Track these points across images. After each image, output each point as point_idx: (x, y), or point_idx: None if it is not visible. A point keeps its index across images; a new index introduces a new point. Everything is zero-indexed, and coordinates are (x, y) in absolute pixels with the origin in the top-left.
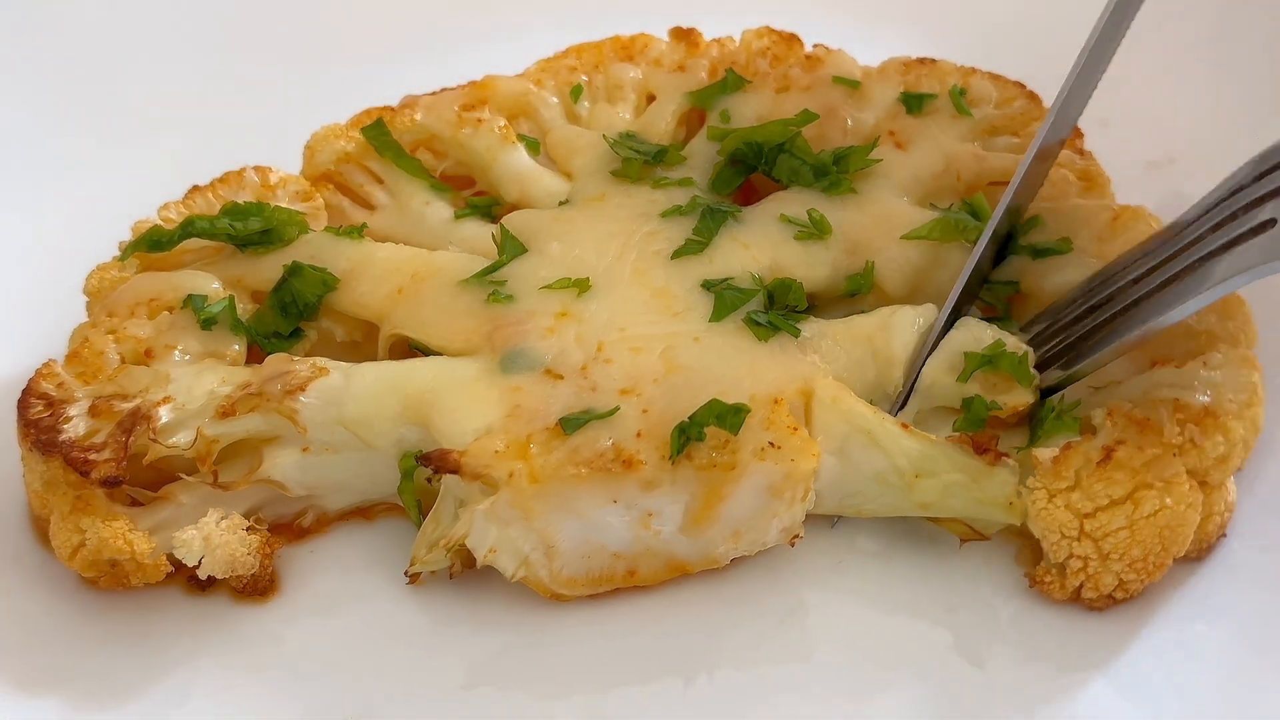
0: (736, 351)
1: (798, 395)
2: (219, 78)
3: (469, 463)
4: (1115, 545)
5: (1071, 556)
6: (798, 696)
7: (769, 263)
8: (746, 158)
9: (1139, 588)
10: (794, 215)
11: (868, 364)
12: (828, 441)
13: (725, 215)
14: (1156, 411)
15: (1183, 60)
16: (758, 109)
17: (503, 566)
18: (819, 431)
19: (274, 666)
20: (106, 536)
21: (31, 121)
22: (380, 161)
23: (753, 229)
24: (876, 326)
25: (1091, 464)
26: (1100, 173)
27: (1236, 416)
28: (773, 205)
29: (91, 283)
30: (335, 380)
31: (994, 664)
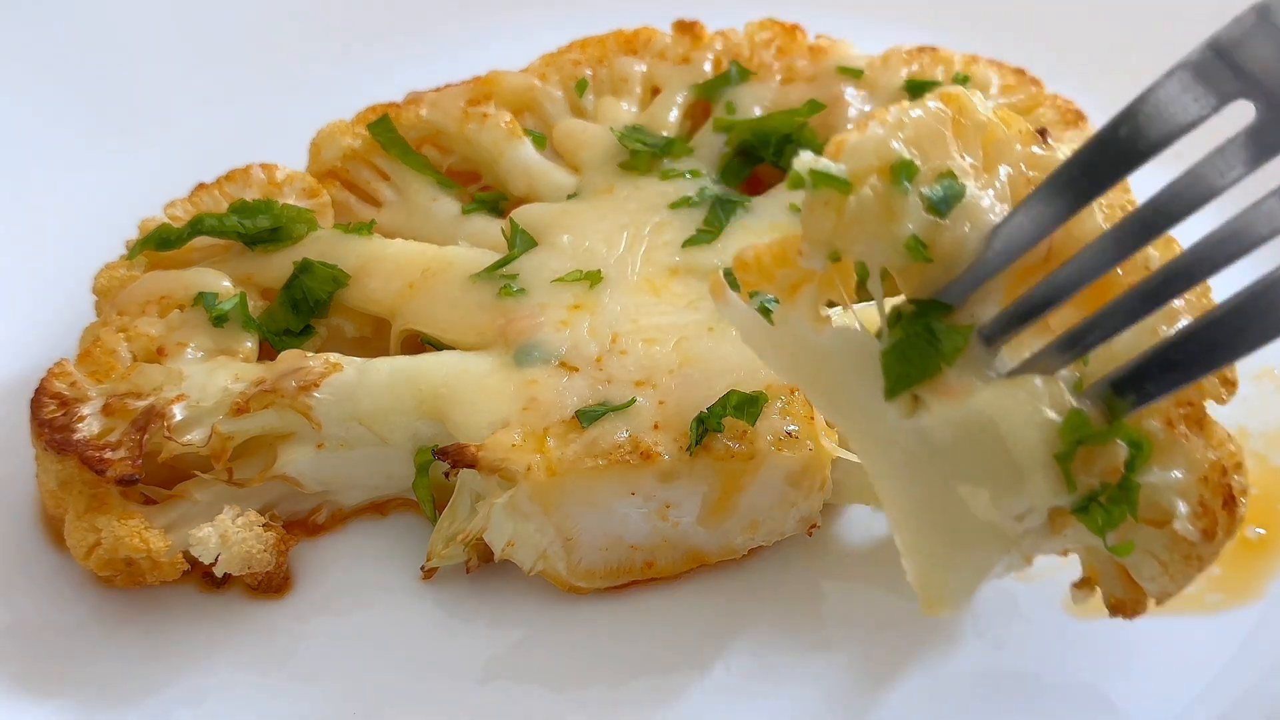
0: None
1: None
2: (223, 75)
3: (486, 456)
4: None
5: (1179, 585)
6: (816, 686)
7: None
8: (754, 149)
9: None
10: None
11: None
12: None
13: (735, 205)
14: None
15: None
16: (763, 100)
17: (521, 560)
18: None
19: (289, 663)
20: (122, 535)
21: (36, 120)
22: (386, 158)
23: (763, 218)
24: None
25: (1224, 518)
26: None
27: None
28: (782, 195)
29: (100, 281)
30: (349, 376)
31: (1013, 646)
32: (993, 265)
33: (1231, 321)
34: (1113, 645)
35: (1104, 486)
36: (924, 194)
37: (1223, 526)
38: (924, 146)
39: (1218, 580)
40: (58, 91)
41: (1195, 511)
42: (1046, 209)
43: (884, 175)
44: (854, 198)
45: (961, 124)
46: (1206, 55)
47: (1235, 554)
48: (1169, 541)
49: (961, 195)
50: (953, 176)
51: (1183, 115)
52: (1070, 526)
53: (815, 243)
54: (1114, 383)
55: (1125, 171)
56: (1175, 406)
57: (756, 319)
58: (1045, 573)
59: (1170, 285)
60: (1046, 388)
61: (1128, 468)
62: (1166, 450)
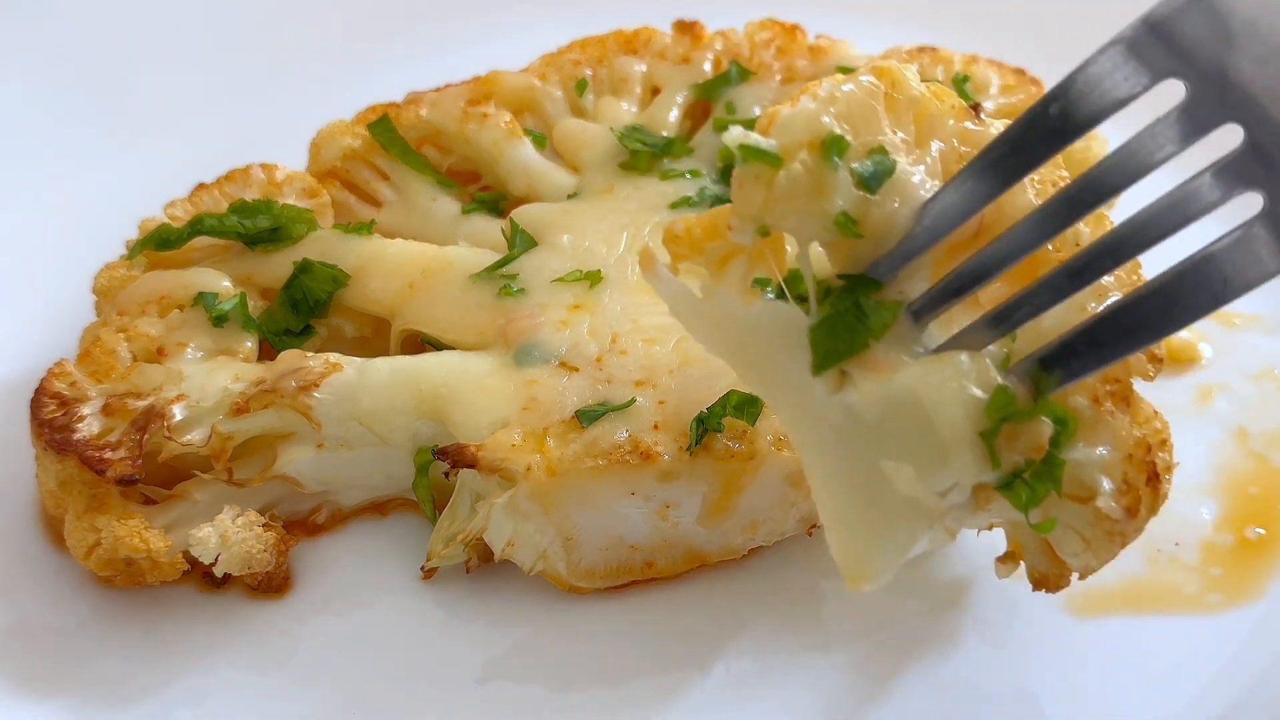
0: None
1: None
2: (223, 75)
3: (486, 456)
4: (1139, 529)
5: (1102, 560)
6: (817, 686)
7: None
8: None
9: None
10: None
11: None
12: None
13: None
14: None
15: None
16: (763, 100)
17: (521, 559)
18: None
19: (289, 663)
20: (122, 535)
21: (36, 120)
22: (386, 158)
23: None
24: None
25: (1148, 495)
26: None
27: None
28: None
29: (100, 281)
30: (349, 376)
31: (1014, 646)
32: (922, 241)
33: (1158, 299)
34: (1113, 645)
35: (1028, 463)
36: (854, 169)
37: (1146, 503)
38: (855, 121)
39: (1218, 580)
40: (58, 92)
41: (1119, 488)
42: (977, 185)
43: (814, 150)
44: (784, 173)
45: (894, 99)
46: (1140, 31)
47: (1235, 554)
48: (1092, 518)
49: (892, 171)
50: (884, 152)
51: (1115, 92)
52: (994, 501)
53: (744, 217)
54: (1041, 359)
55: (1056, 148)
56: (1102, 384)
57: (685, 290)
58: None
59: (1098, 263)
60: (973, 364)
61: (1052, 444)
62: (1092, 427)
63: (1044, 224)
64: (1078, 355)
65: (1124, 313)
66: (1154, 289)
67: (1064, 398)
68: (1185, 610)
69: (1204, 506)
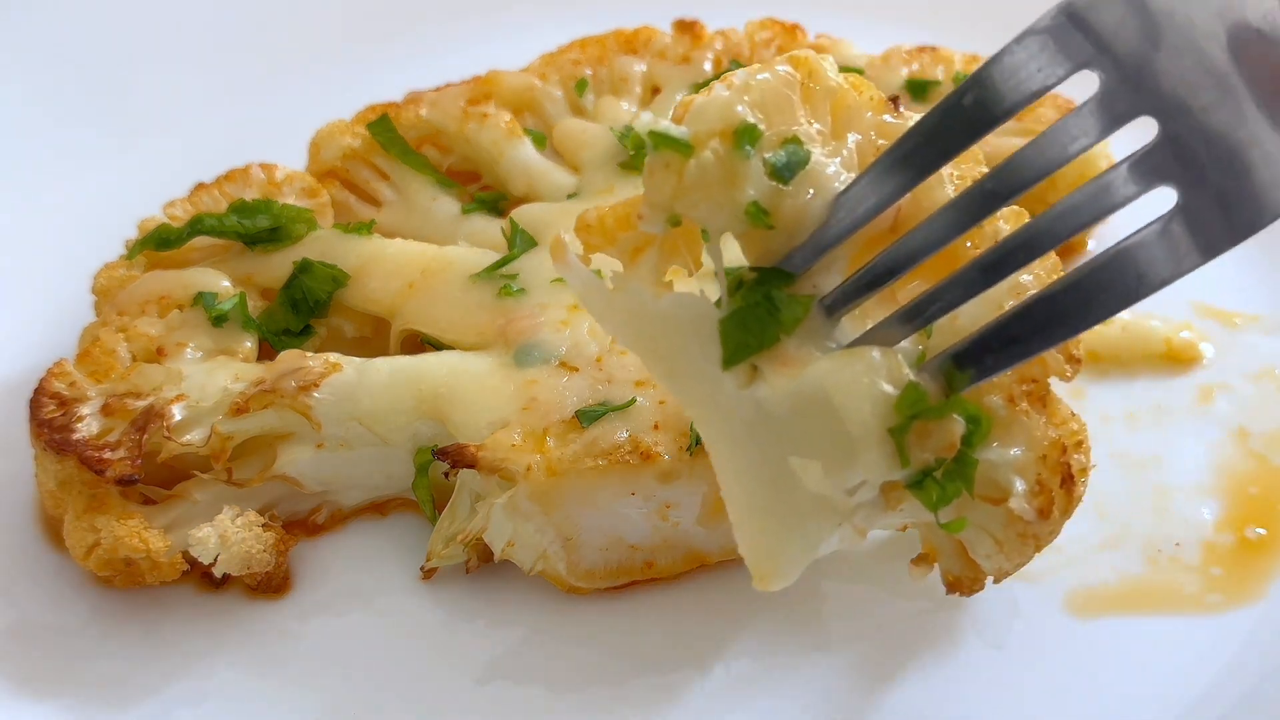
0: None
1: None
2: (222, 74)
3: (486, 456)
4: (1053, 539)
5: (1015, 564)
6: (817, 687)
7: None
8: None
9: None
10: None
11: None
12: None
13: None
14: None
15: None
16: None
17: (521, 560)
18: None
19: (288, 663)
20: (121, 535)
21: (36, 120)
22: (386, 157)
23: None
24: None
25: (1061, 496)
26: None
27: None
28: None
29: (100, 281)
30: (349, 376)
31: (1014, 646)
32: (836, 233)
33: (1071, 295)
34: (1113, 645)
35: (939, 462)
36: (767, 159)
37: (1059, 505)
38: (770, 110)
39: (1218, 580)
40: (57, 91)
41: (1032, 489)
42: (891, 177)
43: (726, 139)
44: (694, 161)
45: (810, 89)
46: (1059, 20)
47: (1236, 554)
48: (1005, 519)
49: (806, 161)
50: (797, 142)
51: (1031, 82)
52: (906, 501)
53: (655, 206)
54: (955, 356)
55: (972, 139)
56: (1018, 383)
57: (595, 281)
58: (1045, 573)
59: (1012, 257)
60: (884, 360)
61: (965, 443)
62: (1007, 427)
63: (958, 218)
64: (991, 352)
65: (1037, 308)
66: (1067, 285)
67: (979, 397)
68: (1186, 610)
69: (1204, 506)
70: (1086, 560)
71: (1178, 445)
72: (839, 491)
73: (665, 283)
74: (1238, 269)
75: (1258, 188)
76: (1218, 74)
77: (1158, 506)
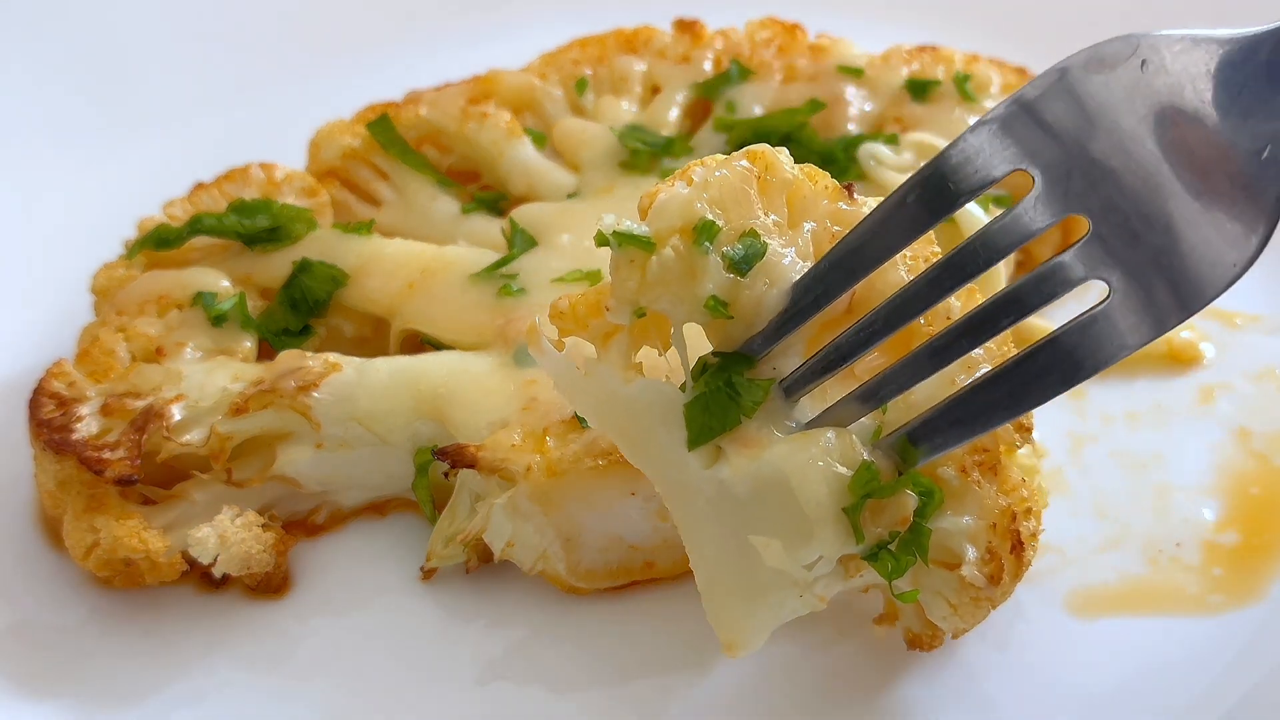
0: None
1: None
2: (222, 74)
3: (486, 457)
4: (1005, 593)
5: (972, 624)
6: (817, 687)
7: None
8: None
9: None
10: None
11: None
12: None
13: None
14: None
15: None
16: (763, 99)
17: (520, 560)
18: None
19: (288, 663)
20: (120, 535)
21: (35, 120)
22: (386, 157)
23: None
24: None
25: (1011, 561)
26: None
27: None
28: None
29: (99, 281)
30: (348, 376)
31: (1014, 647)
32: (792, 320)
33: (1011, 380)
34: (1113, 646)
35: (892, 535)
36: (725, 253)
37: (1009, 571)
38: (728, 205)
39: (1219, 581)
40: (57, 91)
41: (983, 558)
42: (844, 266)
43: (686, 235)
44: (656, 258)
45: (767, 182)
46: (1012, 111)
47: (1237, 555)
48: (958, 585)
49: (762, 254)
50: (755, 235)
51: (974, 179)
52: (864, 570)
53: (621, 300)
54: (908, 434)
55: (917, 233)
56: (970, 455)
57: (569, 367)
58: (1045, 573)
59: (962, 340)
60: (838, 442)
61: (918, 515)
62: (959, 496)
63: (909, 304)
64: (940, 431)
65: (981, 392)
66: (1008, 369)
67: (932, 469)
68: (1186, 611)
69: (1205, 507)
70: (1086, 560)
71: (1179, 445)
72: (797, 567)
73: (635, 366)
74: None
75: (1195, 270)
76: (1147, 167)
77: (1158, 507)
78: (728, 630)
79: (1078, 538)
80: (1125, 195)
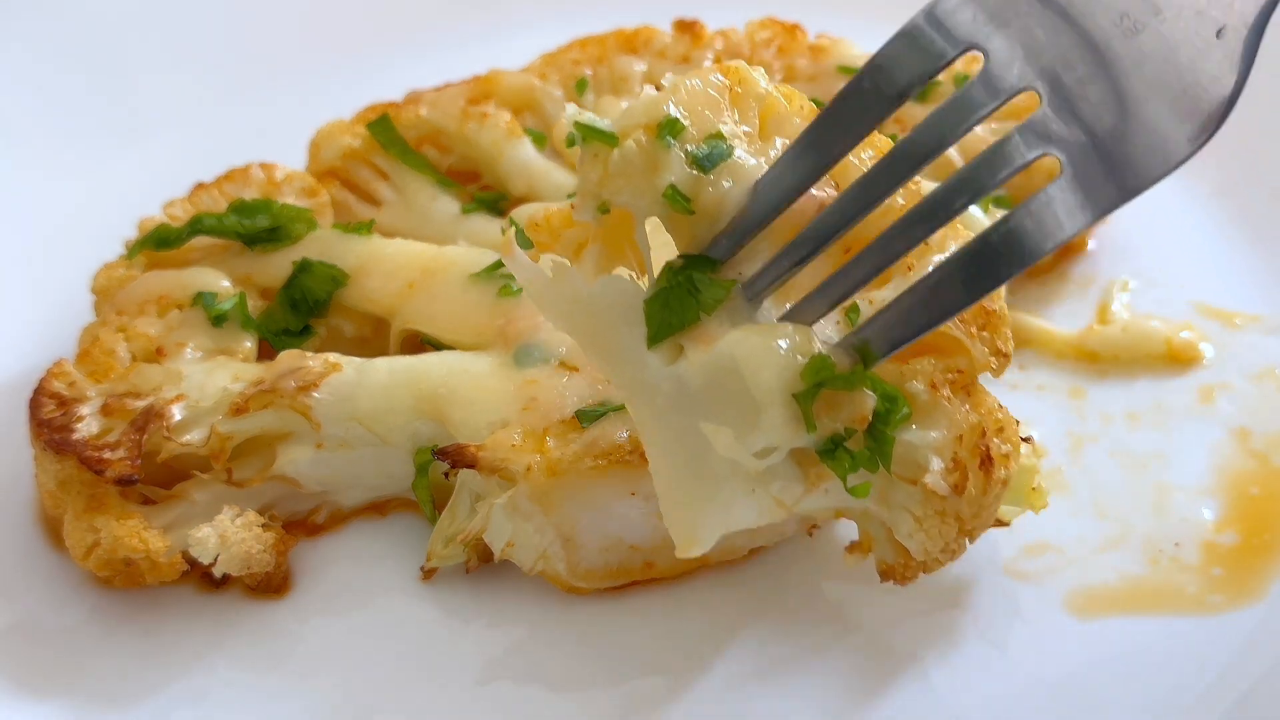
0: None
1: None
2: (222, 74)
3: (486, 457)
4: (983, 524)
5: (945, 551)
6: (817, 687)
7: None
8: None
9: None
10: None
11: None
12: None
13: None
14: (955, 339)
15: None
16: None
17: (520, 560)
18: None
19: (288, 663)
20: (121, 535)
21: (36, 120)
22: (386, 157)
23: None
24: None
25: (978, 475)
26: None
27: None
28: None
29: (99, 281)
30: (348, 376)
31: (1014, 647)
32: (755, 218)
33: (962, 268)
34: (1113, 646)
35: (849, 432)
36: (689, 150)
37: (975, 483)
38: (697, 111)
39: (1219, 581)
40: (57, 91)
41: (948, 466)
42: (804, 160)
43: (650, 131)
44: (618, 150)
45: (740, 95)
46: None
47: (1237, 555)
48: (922, 497)
49: (727, 156)
50: (721, 138)
51: (925, 63)
52: (827, 480)
53: (585, 194)
54: (867, 329)
55: (875, 121)
56: (942, 372)
57: (537, 272)
58: (1045, 573)
59: (913, 230)
60: (794, 333)
61: (881, 420)
62: (928, 412)
63: (864, 193)
64: (894, 326)
65: (934, 281)
66: (960, 258)
67: (901, 383)
68: (1186, 611)
69: (1205, 507)
70: (1086, 560)
71: (1178, 445)
72: (748, 456)
73: (599, 269)
74: (1238, 269)
75: (1140, 153)
76: (1099, 45)
77: (1158, 507)
78: (679, 529)
79: (1078, 538)
80: (1075, 73)
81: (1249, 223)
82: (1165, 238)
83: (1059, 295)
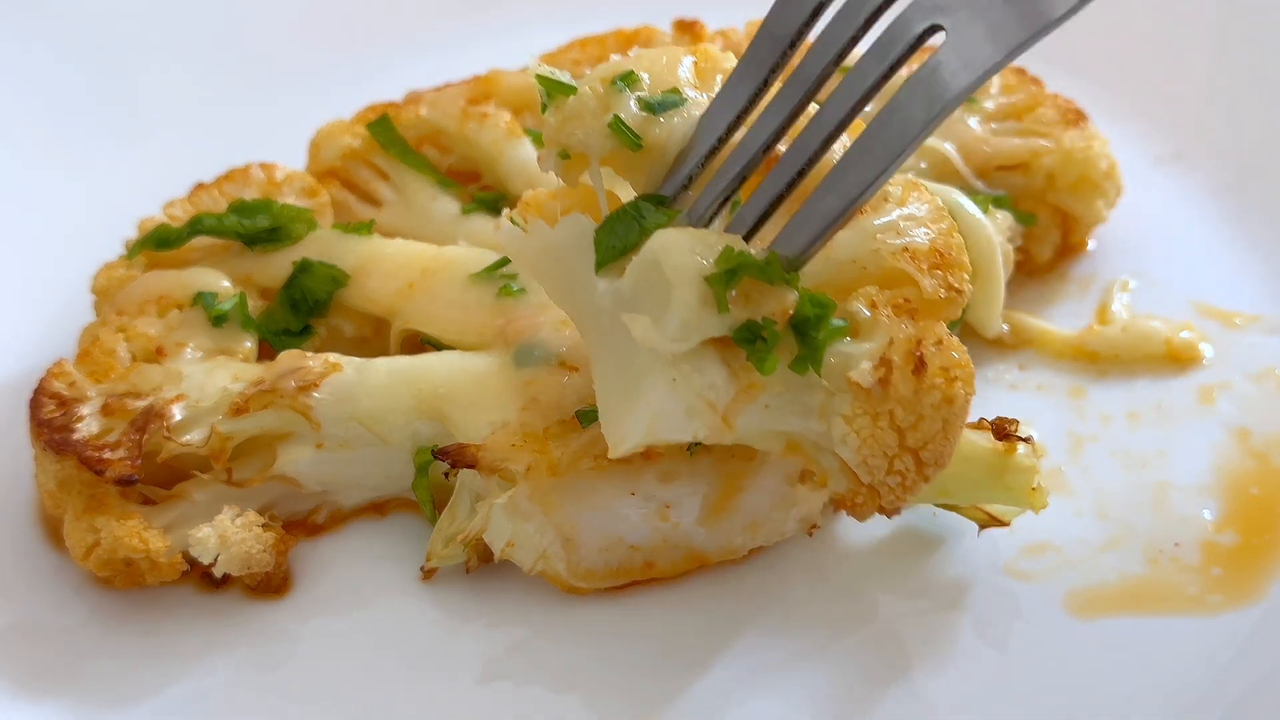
0: None
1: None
2: (222, 74)
3: (486, 456)
4: (933, 451)
5: (891, 473)
6: (816, 687)
7: None
8: None
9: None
10: None
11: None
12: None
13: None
14: (905, 273)
15: (1189, 56)
16: None
17: (521, 560)
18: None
19: (289, 663)
20: (121, 535)
21: (36, 120)
22: (386, 157)
23: None
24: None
25: (908, 376)
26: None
27: (951, 238)
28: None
29: (99, 281)
30: (348, 376)
31: (1014, 645)
32: (699, 151)
33: (857, 151)
34: (1113, 645)
35: (767, 322)
36: (640, 96)
37: (903, 381)
38: (658, 73)
39: (1219, 581)
40: (57, 91)
41: (875, 365)
42: (739, 89)
43: (606, 81)
44: (574, 97)
45: (703, 69)
46: None
47: (1237, 555)
48: (852, 397)
49: (679, 105)
50: (677, 93)
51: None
52: (762, 390)
53: (548, 143)
54: (788, 228)
55: (792, 47)
56: (882, 293)
57: (515, 233)
58: (1045, 573)
59: (826, 126)
60: (720, 237)
61: (811, 326)
62: (867, 329)
63: (782, 107)
64: (810, 218)
65: (837, 170)
66: (857, 142)
67: (844, 304)
68: (1186, 611)
69: (1205, 507)
70: (1087, 560)
71: (1178, 445)
72: (663, 340)
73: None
74: (1238, 269)
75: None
76: None
77: (1158, 507)
78: (610, 428)
79: (1078, 538)
80: None
81: (1249, 223)
82: (1165, 238)
83: (1059, 295)
